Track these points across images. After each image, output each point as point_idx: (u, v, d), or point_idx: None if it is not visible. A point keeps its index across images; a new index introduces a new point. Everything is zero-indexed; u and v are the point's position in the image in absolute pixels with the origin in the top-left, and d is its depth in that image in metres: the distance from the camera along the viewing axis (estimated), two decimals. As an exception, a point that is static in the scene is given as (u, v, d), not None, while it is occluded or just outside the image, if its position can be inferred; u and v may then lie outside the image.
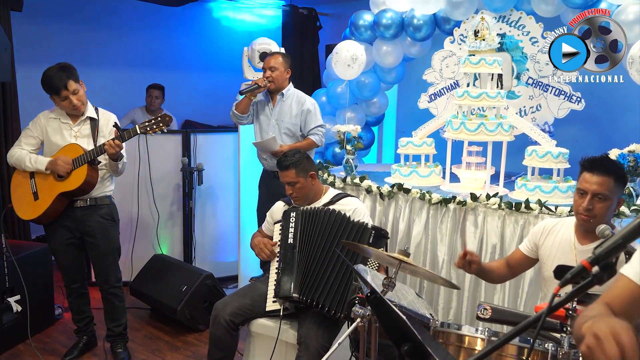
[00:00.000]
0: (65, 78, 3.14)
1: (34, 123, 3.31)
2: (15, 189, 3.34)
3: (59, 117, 3.28)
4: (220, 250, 4.97)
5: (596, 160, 2.29)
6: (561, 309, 1.82)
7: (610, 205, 2.26)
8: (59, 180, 3.20)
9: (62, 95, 3.15)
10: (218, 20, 6.88)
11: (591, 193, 2.23)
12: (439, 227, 3.49)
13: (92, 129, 3.28)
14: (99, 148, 3.16)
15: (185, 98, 6.52)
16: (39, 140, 3.30)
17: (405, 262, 2.18)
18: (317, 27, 6.21)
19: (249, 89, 3.83)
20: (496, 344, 1.17)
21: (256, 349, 2.98)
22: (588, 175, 2.26)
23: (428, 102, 4.21)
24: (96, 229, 3.32)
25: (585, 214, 2.26)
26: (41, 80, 3.18)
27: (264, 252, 2.92)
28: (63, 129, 3.26)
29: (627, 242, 1.07)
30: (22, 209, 3.31)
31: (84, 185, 3.18)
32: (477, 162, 3.62)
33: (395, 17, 4.24)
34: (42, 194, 3.24)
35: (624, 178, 2.31)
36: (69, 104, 3.19)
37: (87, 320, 3.58)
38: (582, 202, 2.26)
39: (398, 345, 1.62)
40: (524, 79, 3.80)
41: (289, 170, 2.96)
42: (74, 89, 3.17)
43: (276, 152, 3.77)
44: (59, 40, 5.50)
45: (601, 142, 3.86)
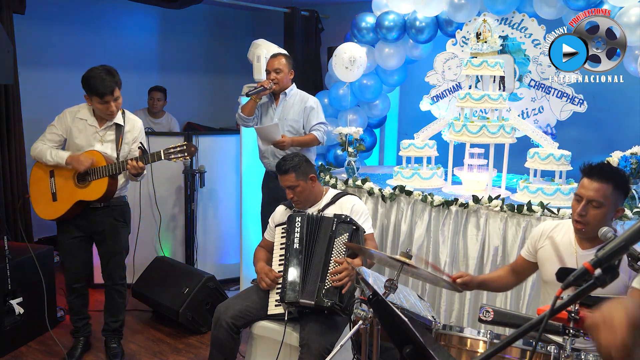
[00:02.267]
0: (113, 84, 3.13)
1: (60, 120, 3.29)
2: (34, 183, 3.35)
3: (86, 118, 3.27)
4: (222, 253, 4.97)
5: (596, 166, 2.25)
6: (564, 312, 1.81)
7: (606, 213, 2.20)
8: (79, 186, 3.23)
9: (105, 99, 3.14)
10: (219, 21, 6.89)
11: (586, 199, 2.19)
12: (441, 229, 3.49)
13: (116, 135, 3.30)
14: (122, 164, 3.18)
15: (187, 100, 6.54)
16: (62, 138, 3.30)
17: (408, 264, 2.18)
18: (319, 29, 6.21)
19: (255, 91, 3.82)
20: (498, 346, 1.16)
21: (258, 351, 2.98)
22: (586, 181, 2.22)
23: (430, 104, 4.21)
24: (107, 230, 3.37)
25: (578, 220, 2.22)
26: (85, 79, 3.14)
27: (265, 281, 2.89)
28: (89, 132, 3.27)
29: (630, 245, 1.07)
30: (39, 206, 3.34)
31: (103, 197, 3.24)
32: (479, 164, 3.62)
33: (398, 19, 4.24)
34: (61, 197, 3.26)
35: (625, 186, 2.25)
36: (107, 109, 3.18)
37: (85, 321, 3.60)
38: (577, 208, 2.23)
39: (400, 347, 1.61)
40: (526, 81, 3.79)
41: (289, 174, 2.95)
42: (117, 96, 3.18)
43: (277, 141, 3.77)
44: (62, 42, 5.52)
45: (603, 145, 3.86)
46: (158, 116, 5.68)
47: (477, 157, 3.64)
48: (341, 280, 2.70)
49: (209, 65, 6.90)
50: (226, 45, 6.95)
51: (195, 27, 6.68)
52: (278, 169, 3.02)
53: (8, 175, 4.43)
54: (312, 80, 5.96)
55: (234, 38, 6.98)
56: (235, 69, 6.46)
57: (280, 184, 3.05)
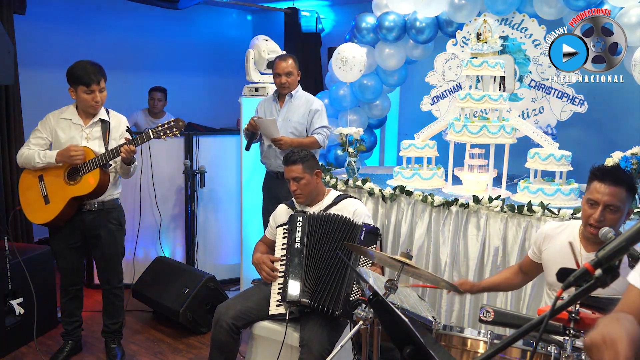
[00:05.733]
0: (100, 75, 3.16)
1: (43, 123, 3.27)
2: (23, 191, 3.31)
3: (70, 117, 3.25)
4: (223, 253, 4.97)
5: (608, 169, 2.21)
6: (564, 312, 1.81)
7: (621, 217, 2.18)
8: (70, 183, 3.19)
9: (91, 88, 3.14)
10: (220, 22, 6.90)
11: (603, 204, 2.15)
12: (442, 229, 3.49)
13: (103, 131, 3.27)
14: (111, 152, 3.14)
15: (188, 100, 6.54)
16: (47, 141, 3.26)
17: (408, 265, 2.18)
18: (319, 29, 6.22)
19: (248, 141, 3.96)
20: (499, 346, 1.16)
21: (258, 352, 2.98)
22: (599, 185, 2.16)
23: (430, 104, 4.21)
24: (103, 234, 3.34)
25: (596, 226, 2.17)
26: (70, 70, 3.16)
27: (264, 270, 2.90)
28: (74, 130, 3.24)
29: (630, 245, 1.07)
30: (32, 213, 3.29)
31: (96, 190, 3.18)
32: (479, 165, 3.61)
33: (398, 19, 4.24)
34: (53, 198, 3.22)
35: (635, 188, 2.23)
36: (92, 99, 3.17)
37: (76, 325, 3.57)
38: (592, 213, 2.18)
39: (400, 348, 1.61)
40: (526, 81, 3.79)
41: (296, 165, 2.96)
42: (102, 87, 3.19)
43: (275, 139, 3.78)
44: (62, 43, 5.52)
45: (604, 145, 3.86)
46: (158, 116, 5.68)
47: (478, 157, 3.64)
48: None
49: (209, 65, 6.91)
50: (226, 46, 6.95)
51: (195, 27, 6.68)
52: (285, 160, 3.03)
53: (8, 175, 4.44)
54: (312, 81, 5.97)
55: (234, 38, 6.98)
56: (235, 69, 6.46)
57: (285, 175, 3.05)
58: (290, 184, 3.00)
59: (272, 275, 2.88)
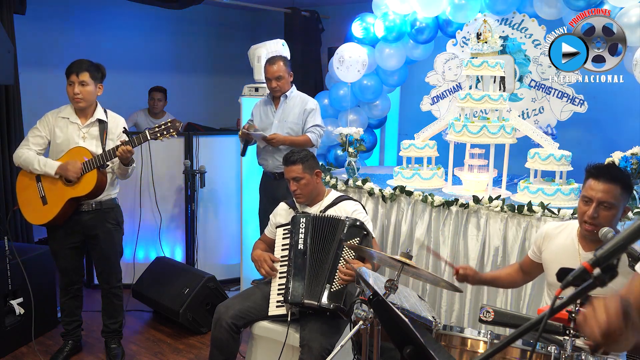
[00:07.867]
0: (84, 68, 3.17)
1: (42, 122, 3.27)
2: (21, 191, 3.31)
3: (68, 116, 3.25)
4: (223, 253, 4.97)
5: (602, 167, 2.22)
6: (563, 312, 1.82)
7: (616, 214, 2.18)
8: (68, 185, 3.18)
9: (70, 79, 3.17)
10: (219, 21, 6.89)
11: (597, 201, 2.15)
12: (442, 229, 3.49)
13: (100, 131, 3.27)
14: (108, 153, 3.14)
15: (187, 100, 6.54)
16: (46, 140, 3.26)
17: (408, 265, 2.18)
18: (319, 29, 6.22)
19: (244, 146, 3.96)
20: (498, 346, 1.16)
21: (258, 351, 2.98)
22: (594, 183, 2.17)
23: (430, 104, 4.21)
24: (101, 234, 3.34)
25: (590, 222, 2.18)
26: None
27: (264, 267, 2.90)
28: (71, 129, 3.24)
29: (629, 244, 1.07)
30: (30, 214, 3.29)
31: (94, 190, 3.18)
32: (479, 165, 3.62)
33: (398, 19, 4.24)
34: (51, 198, 3.21)
35: (631, 187, 2.23)
36: (71, 91, 3.18)
37: (76, 325, 3.57)
38: (587, 210, 2.18)
39: (400, 348, 1.61)
40: (526, 81, 3.80)
41: (296, 165, 2.95)
42: (83, 80, 3.17)
43: (266, 138, 3.79)
44: (62, 43, 5.53)
45: (604, 145, 3.86)
46: (158, 116, 5.68)
47: (478, 157, 3.64)
48: (347, 281, 2.70)
49: (209, 65, 6.91)
50: (226, 46, 6.95)
51: (195, 28, 6.68)
52: (285, 160, 3.02)
53: (8, 175, 4.43)
54: (312, 81, 5.97)
55: (234, 38, 6.98)
56: (236, 69, 6.45)
57: (285, 175, 3.05)
58: (290, 184, 3.00)
59: (271, 274, 2.89)
